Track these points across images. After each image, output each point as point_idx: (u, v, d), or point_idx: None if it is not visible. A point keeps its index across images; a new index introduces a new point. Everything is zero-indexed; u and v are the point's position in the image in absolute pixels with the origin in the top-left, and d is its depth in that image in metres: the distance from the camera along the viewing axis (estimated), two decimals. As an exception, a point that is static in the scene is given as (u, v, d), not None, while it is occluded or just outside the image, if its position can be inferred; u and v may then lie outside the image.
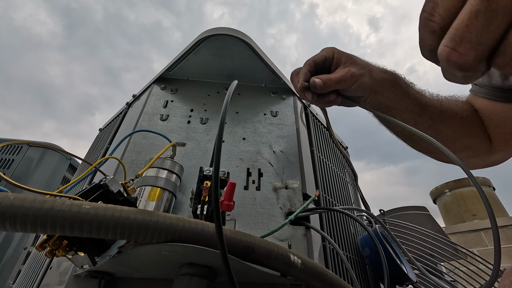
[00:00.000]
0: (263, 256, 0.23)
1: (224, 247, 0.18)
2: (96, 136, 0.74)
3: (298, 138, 0.48)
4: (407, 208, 1.43)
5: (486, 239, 2.96)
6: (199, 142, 0.45)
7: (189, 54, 0.53)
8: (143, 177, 0.35)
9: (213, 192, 0.18)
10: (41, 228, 0.19)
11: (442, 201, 3.77)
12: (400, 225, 0.80)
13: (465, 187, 3.59)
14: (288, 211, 0.37)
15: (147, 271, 0.28)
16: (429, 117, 0.41)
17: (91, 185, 0.26)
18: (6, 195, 0.19)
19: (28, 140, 1.38)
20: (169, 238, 0.21)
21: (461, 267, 0.80)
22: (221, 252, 0.18)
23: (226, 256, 0.18)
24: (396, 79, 0.40)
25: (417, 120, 0.42)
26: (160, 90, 0.55)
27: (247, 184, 0.40)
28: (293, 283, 0.27)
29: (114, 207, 0.21)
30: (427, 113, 0.41)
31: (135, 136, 0.45)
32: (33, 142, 1.12)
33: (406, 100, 0.40)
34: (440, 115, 0.42)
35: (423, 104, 0.41)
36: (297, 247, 0.33)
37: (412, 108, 0.41)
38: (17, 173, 1.09)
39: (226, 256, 0.18)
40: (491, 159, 0.47)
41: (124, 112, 0.60)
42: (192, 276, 0.23)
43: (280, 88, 0.57)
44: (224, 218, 0.30)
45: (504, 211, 3.36)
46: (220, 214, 0.19)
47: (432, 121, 0.42)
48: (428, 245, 0.79)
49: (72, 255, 0.25)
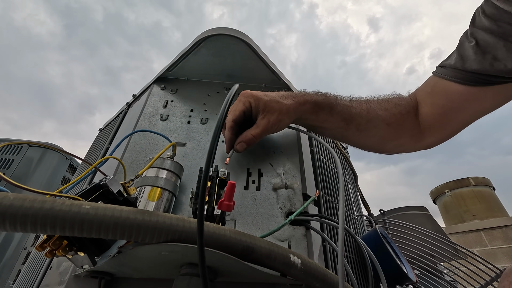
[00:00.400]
0: (263, 256, 0.23)
1: (202, 235, 0.18)
2: (96, 136, 0.74)
3: (298, 138, 0.48)
4: (407, 208, 1.43)
5: (486, 239, 2.96)
6: (199, 142, 0.45)
7: (189, 54, 0.53)
8: (143, 177, 0.35)
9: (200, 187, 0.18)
10: (41, 228, 0.19)
11: (442, 201, 3.78)
12: (400, 225, 0.80)
13: (465, 187, 3.59)
14: (288, 211, 0.37)
15: (147, 271, 0.28)
16: (356, 129, 0.45)
17: (91, 185, 0.26)
18: (6, 195, 0.19)
19: (28, 140, 1.38)
20: (169, 238, 0.21)
21: (461, 267, 0.80)
22: (198, 241, 0.18)
23: (202, 244, 0.18)
24: (318, 104, 0.43)
25: (343, 133, 0.46)
26: (160, 90, 0.55)
27: (247, 184, 0.40)
28: (293, 283, 0.27)
29: (114, 207, 0.21)
30: (353, 125, 0.45)
31: (135, 136, 0.45)
32: (33, 142, 1.12)
33: (329, 119, 0.44)
34: (367, 125, 0.45)
35: (349, 118, 0.45)
36: (297, 247, 0.33)
37: (338, 124, 0.45)
38: (17, 173, 1.09)
39: (202, 244, 0.18)
40: (423, 145, 0.50)
41: (124, 112, 0.60)
42: (192, 276, 0.23)
43: (280, 88, 0.57)
44: (224, 218, 0.30)
45: (504, 211, 3.36)
46: (203, 208, 0.19)
47: (359, 131, 0.46)
48: (428, 245, 0.79)
49: (72, 255, 0.25)
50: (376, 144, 0.49)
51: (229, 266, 0.24)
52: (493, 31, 0.37)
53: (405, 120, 0.46)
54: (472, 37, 0.40)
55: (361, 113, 0.45)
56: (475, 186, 3.55)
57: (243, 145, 0.38)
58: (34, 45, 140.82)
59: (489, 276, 0.78)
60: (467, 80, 0.41)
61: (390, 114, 0.46)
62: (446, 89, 0.44)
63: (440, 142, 0.49)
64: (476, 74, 0.40)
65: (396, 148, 0.50)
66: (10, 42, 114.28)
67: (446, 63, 0.44)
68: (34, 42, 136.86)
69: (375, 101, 0.47)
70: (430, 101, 0.46)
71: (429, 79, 0.47)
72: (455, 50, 0.43)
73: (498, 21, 0.36)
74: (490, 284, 0.78)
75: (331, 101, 0.44)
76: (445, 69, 0.44)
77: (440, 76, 0.44)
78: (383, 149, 0.50)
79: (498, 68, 0.38)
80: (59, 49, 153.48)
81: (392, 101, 0.48)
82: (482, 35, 0.38)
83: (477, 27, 0.39)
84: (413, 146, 0.49)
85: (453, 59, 0.42)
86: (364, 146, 0.51)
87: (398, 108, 0.47)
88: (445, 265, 0.98)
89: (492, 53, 0.37)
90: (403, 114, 0.46)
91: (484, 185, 3.58)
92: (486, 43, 0.38)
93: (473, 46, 0.39)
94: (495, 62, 0.38)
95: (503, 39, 0.36)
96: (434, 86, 0.46)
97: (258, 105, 0.40)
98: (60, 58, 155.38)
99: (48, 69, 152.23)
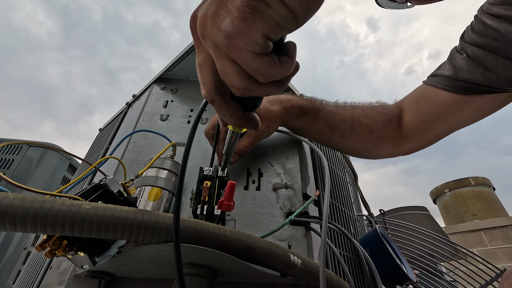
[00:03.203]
0: (263, 256, 0.23)
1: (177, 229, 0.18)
2: (96, 136, 0.74)
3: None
4: (407, 208, 1.43)
5: (486, 239, 2.96)
6: (199, 142, 0.45)
7: (189, 54, 0.53)
8: (143, 177, 0.35)
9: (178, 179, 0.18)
10: (41, 228, 0.19)
11: (442, 201, 3.77)
12: (400, 225, 0.80)
13: (465, 187, 3.59)
14: (288, 211, 0.37)
15: (147, 271, 0.28)
16: (340, 135, 0.46)
17: (91, 185, 0.26)
18: (6, 195, 0.19)
19: (28, 140, 1.38)
20: (169, 238, 0.21)
21: (461, 267, 0.80)
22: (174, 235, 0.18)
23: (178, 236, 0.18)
24: (303, 109, 0.44)
25: (327, 138, 0.47)
26: (160, 90, 0.55)
27: (247, 184, 0.40)
28: (293, 283, 0.27)
29: (114, 207, 0.21)
30: (337, 131, 0.46)
31: (135, 136, 0.45)
32: (33, 142, 1.12)
33: (314, 124, 0.45)
34: (350, 131, 0.46)
35: (333, 124, 0.46)
36: (297, 247, 0.33)
37: (322, 129, 0.46)
38: (17, 173, 1.09)
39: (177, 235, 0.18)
40: (402, 151, 0.51)
41: (124, 112, 0.60)
42: (192, 276, 0.23)
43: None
44: (224, 218, 0.30)
45: (504, 211, 3.36)
46: (180, 199, 0.19)
47: (342, 137, 0.47)
48: (428, 245, 0.79)
49: (72, 255, 0.25)
50: (359, 150, 0.50)
51: (229, 266, 0.24)
52: (482, 46, 0.39)
53: (387, 128, 0.48)
54: (462, 50, 0.42)
55: (345, 119, 0.46)
56: (475, 186, 3.55)
57: (235, 156, 0.38)
58: (33, 45, 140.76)
59: (489, 276, 0.78)
60: (458, 89, 0.42)
61: (373, 122, 0.48)
62: (433, 97, 0.45)
63: (418, 149, 0.51)
64: (467, 83, 0.41)
65: (378, 154, 0.52)
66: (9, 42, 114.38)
67: (439, 73, 0.46)
68: (33, 42, 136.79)
69: (360, 108, 0.49)
70: (415, 108, 0.48)
71: (418, 88, 0.49)
72: (446, 61, 0.45)
73: (485, 36, 0.39)
74: (490, 284, 0.78)
75: (316, 106, 0.45)
76: (436, 78, 0.45)
77: (430, 84, 0.46)
78: (366, 155, 0.52)
79: (489, 78, 0.39)
80: (58, 50, 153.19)
81: (376, 109, 0.49)
82: (472, 49, 0.40)
83: (466, 41, 0.41)
84: (393, 152, 0.51)
85: (446, 69, 0.44)
86: (348, 151, 0.53)
87: (381, 116, 0.48)
88: (445, 265, 0.98)
89: (483, 64, 0.39)
90: (386, 123, 0.48)
91: (484, 185, 3.57)
92: (477, 56, 0.40)
93: (465, 58, 0.41)
94: (486, 72, 0.39)
95: (492, 52, 0.38)
96: (422, 94, 0.48)
97: None
98: (58, 58, 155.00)
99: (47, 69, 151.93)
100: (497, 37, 0.37)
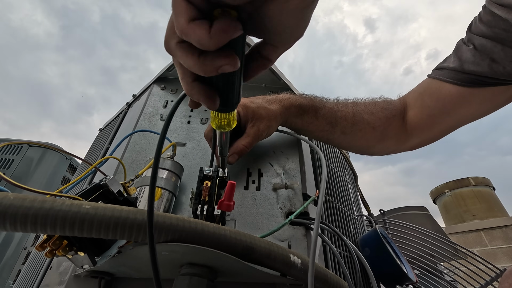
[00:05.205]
0: (263, 256, 0.23)
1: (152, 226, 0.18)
2: (96, 136, 0.74)
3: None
4: (407, 208, 1.43)
5: (486, 239, 2.96)
6: (199, 142, 0.45)
7: (189, 54, 0.53)
8: (143, 177, 0.35)
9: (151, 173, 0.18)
10: (41, 228, 0.19)
11: (442, 201, 3.77)
12: (400, 225, 0.80)
13: (465, 187, 3.59)
14: (288, 211, 0.37)
15: (147, 271, 0.28)
16: (341, 132, 0.46)
17: (91, 185, 0.26)
18: (6, 195, 0.19)
19: (28, 140, 1.38)
20: (169, 238, 0.21)
21: (461, 267, 0.80)
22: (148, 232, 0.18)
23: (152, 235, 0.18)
24: (302, 108, 0.44)
25: (329, 136, 0.46)
26: (160, 90, 0.55)
27: (247, 184, 0.40)
28: (293, 283, 0.27)
29: (114, 207, 0.21)
30: (338, 129, 0.45)
31: (135, 136, 0.45)
32: (33, 142, 1.12)
33: (314, 122, 0.45)
34: (352, 128, 0.46)
35: (334, 121, 0.45)
36: (297, 247, 0.33)
37: (322, 127, 0.45)
38: (17, 173, 1.09)
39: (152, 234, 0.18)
40: (407, 147, 0.51)
41: (124, 112, 0.60)
42: (192, 276, 0.23)
43: (279, 88, 0.57)
44: (224, 218, 0.30)
45: (504, 211, 3.36)
46: (154, 196, 0.19)
47: (344, 135, 0.46)
48: (428, 245, 0.79)
49: (72, 255, 0.25)
50: (362, 147, 0.49)
51: (229, 266, 0.24)
52: (490, 37, 0.38)
53: (390, 123, 0.47)
54: (469, 42, 0.41)
55: (346, 116, 0.45)
56: (475, 186, 3.55)
57: (235, 156, 0.38)
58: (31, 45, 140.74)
59: (489, 276, 0.78)
60: (464, 81, 0.41)
61: (376, 118, 0.47)
62: (438, 90, 0.44)
63: (424, 144, 0.50)
64: (473, 75, 0.40)
65: (382, 150, 0.51)
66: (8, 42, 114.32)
67: (444, 65, 0.44)
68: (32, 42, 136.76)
69: (362, 104, 0.48)
70: (420, 103, 0.47)
71: (423, 81, 0.48)
72: (452, 53, 0.44)
73: (494, 27, 0.37)
74: (490, 284, 0.78)
75: (316, 104, 0.45)
76: (442, 71, 0.44)
77: (435, 77, 0.45)
78: (369, 151, 0.51)
79: (497, 70, 0.38)
80: (56, 50, 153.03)
81: (379, 104, 0.48)
82: (479, 40, 0.39)
83: (473, 32, 0.40)
84: (398, 148, 0.50)
85: (451, 62, 0.43)
86: (350, 148, 0.52)
87: (384, 112, 0.47)
88: (445, 265, 0.98)
89: (490, 56, 0.38)
90: (389, 118, 0.47)
91: (484, 185, 3.57)
92: (484, 47, 0.38)
93: (471, 49, 0.40)
94: (493, 64, 0.38)
95: (500, 43, 0.37)
96: (427, 88, 0.47)
97: (246, 114, 0.40)
98: (57, 58, 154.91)
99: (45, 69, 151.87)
100: (506, 27, 0.36)
